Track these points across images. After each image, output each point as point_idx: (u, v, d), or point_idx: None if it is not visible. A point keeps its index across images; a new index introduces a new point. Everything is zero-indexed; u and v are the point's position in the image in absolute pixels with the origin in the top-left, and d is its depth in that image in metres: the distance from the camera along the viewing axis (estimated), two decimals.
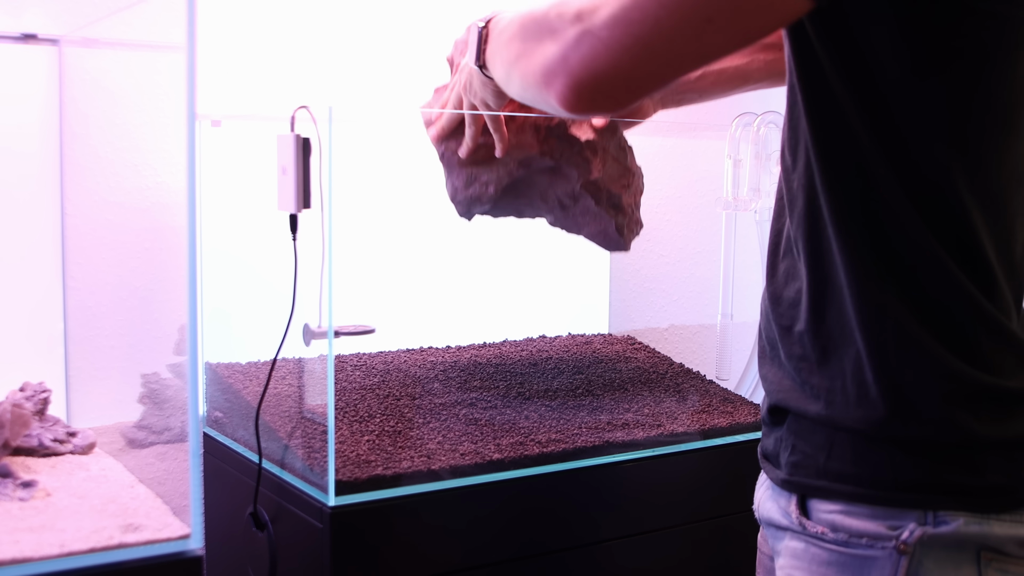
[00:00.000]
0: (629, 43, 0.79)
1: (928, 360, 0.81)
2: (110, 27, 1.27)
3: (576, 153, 1.29)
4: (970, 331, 0.81)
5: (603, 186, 1.31)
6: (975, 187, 0.80)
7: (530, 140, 1.27)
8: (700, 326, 1.79)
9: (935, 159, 0.79)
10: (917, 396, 0.81)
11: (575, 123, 1.29)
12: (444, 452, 1.17)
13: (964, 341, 0.81)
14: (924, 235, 0.80)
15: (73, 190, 1.36)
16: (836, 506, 0.85)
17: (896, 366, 0.81)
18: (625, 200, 1.34)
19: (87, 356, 1.36)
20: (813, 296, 0.86)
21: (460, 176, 1.30)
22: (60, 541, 0.93)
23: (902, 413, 0.81)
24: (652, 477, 1.28)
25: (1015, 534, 0.81)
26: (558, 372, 1.45)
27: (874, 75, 0.79)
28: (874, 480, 0.83)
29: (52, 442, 1.17)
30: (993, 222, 0.81)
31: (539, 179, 1.33)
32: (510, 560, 1.19)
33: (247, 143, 1.39)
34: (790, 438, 0.89)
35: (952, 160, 0.79)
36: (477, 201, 1.30)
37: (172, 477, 1.15)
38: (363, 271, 1.48)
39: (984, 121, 0.80)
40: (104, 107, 1.36)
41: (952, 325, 0.81)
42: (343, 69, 1.60)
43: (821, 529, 0.85)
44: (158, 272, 1.37)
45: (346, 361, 1.43)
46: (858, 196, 0.81)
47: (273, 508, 1.19)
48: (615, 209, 1.33)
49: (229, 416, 1.35)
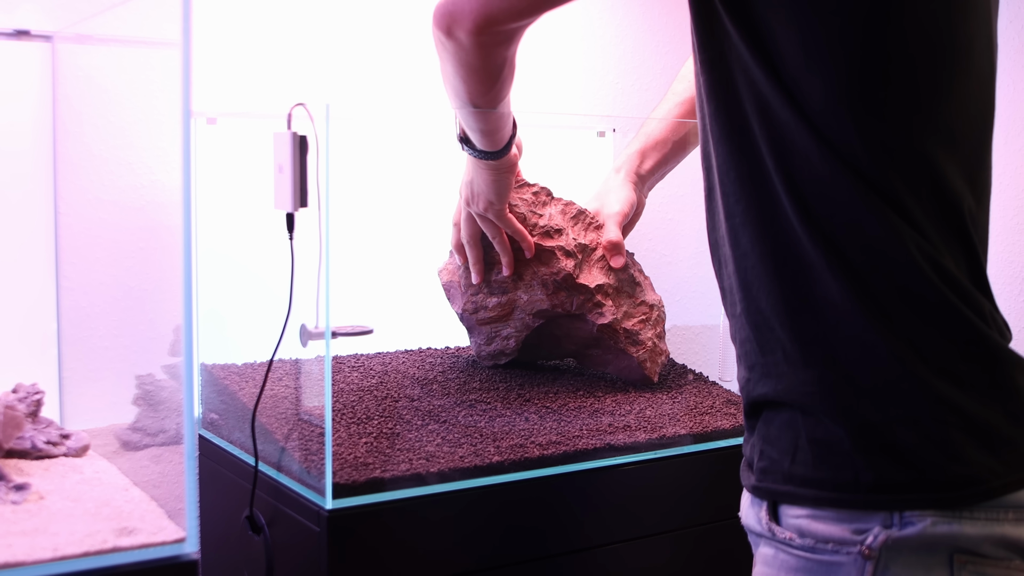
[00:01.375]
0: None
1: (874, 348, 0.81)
2: (104, 23, 1.27)
3: (587, 300, 1.37)
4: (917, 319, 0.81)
5: (619, 327, 1.37)
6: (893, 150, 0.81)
7: (540, 296, 1.36)
8: (703, 327, 1.79)
9: (840, 121, 0.81)
10: (856, 370, 0.82)
11: (582, 272, 1.37)
12: (443, 455, 1.17)
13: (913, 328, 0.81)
14: (854, 210, 0.81)
15: (67, 188, 1.36)
16: (803, 511, 0.84)
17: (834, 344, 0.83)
18: (644, 335, 1.39)
19: (81, 357, 1.36)
20: (740, 277, 0.89)
21: (481, 334, 1.41)
22: (53, 545, 0.93)
23: (845, 384, 0.82)
24: (655, 480, 1.28)
25: (990, 533, 0.79)
26: (559, 374, 1.45)
27: (772, 50, 0.83)
28: (836, 483, 0.83)
29: (45, 444, 1.17)
30: (920, 185, 0.82)
31: (557, 325, 1.41)
32: (511, 564, 1.18)
33: (243, 141, 1.39)
34: (759, 443, 0.89)
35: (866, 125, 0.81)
36: (501, 354, 1.41)
37: (167, 480, 1.15)
38: (361, 271, 1.48)
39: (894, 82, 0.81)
40: (98, 104, 1.36)
41: (902, 313, 0.81)
42: (341, 65, 1.60)
43: (789, 535, 0.85)
44: (153, 272, 1.37)
45: (343, 362, 1.43)
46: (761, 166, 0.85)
47: (269, 511, 1.19)
48: (635, 345, 1.39)
49: (225, 418, 1.35)
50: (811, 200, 0.82)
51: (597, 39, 1.85)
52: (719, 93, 0.88)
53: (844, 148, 0.81)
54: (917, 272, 0.80)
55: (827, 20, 0.80)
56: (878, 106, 0.81)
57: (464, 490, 1.15)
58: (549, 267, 1.36)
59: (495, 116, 1.16)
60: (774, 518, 0.87)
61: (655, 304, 1.43)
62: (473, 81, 1.08)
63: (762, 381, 0.88)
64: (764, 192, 0.84)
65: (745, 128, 0.85)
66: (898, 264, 0.80)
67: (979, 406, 0.80)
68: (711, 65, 0.88)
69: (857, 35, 0.80)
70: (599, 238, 1.39)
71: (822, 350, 0.83)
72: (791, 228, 0.83)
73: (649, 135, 1.41)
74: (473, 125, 1.18)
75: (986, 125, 0.88)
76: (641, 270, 1.44)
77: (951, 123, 0.83)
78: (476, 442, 1.20)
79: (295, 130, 1.15)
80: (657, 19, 1.91)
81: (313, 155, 1.13)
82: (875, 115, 0.81)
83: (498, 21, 1.00)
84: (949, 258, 0.82)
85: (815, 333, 0.83)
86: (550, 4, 0.98)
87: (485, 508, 1.17)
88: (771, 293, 0.86)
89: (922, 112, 0.82)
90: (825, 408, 0.83)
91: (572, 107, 1.83)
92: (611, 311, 1.37)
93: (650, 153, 1.41)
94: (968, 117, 0.85)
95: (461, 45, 1.03)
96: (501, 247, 1.33)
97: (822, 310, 0.83)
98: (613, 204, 1.39)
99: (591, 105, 1.85)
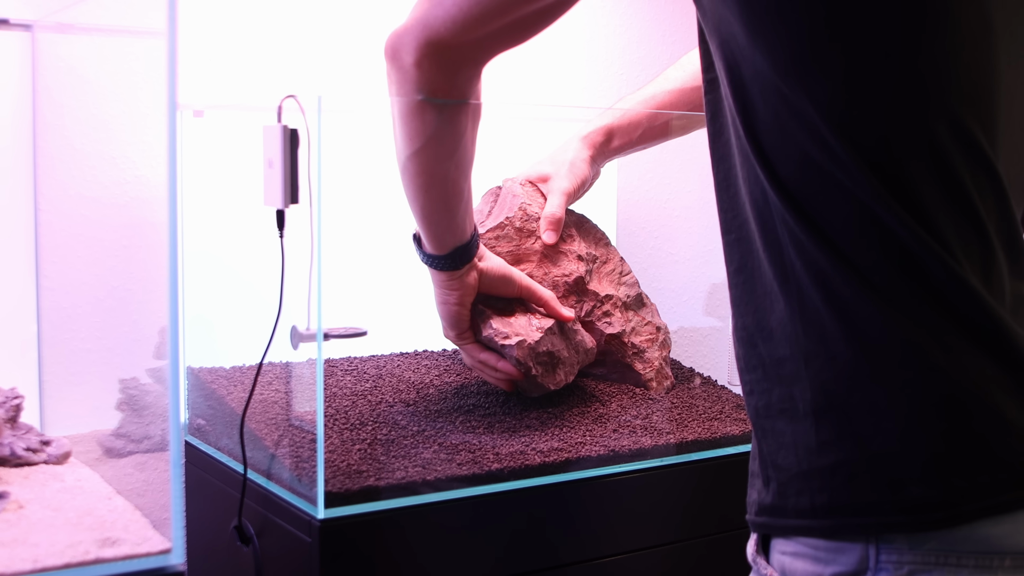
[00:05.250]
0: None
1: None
2: (86, 12, 1.27)
3: (596, 307, 1.39)
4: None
5: (627, 339, 1.40)
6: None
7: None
8: (711, 329, 1.79)
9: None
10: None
11: (592, 280, 1.39)
12: (440, 462, 1.17)
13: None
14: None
15: (47, 184, 1.36)
16: (789, 546, 0.84)
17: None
18: (651, 354, 1.42)
19: (62, 360, 1.36)
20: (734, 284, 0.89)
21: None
22: (33, 556, 0.93)
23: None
24: (661, 488, 1.28)
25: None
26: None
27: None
28: (798, 510, 0.82)
29: (25, 451, 1.17)
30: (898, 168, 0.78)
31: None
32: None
33: (231, 134, 1.39)
34: (751, 475, 0.90)
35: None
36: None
37: (152, 488, 1.15)
38: (354, 270, 1.48)
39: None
40: (80, 96, 1.36)
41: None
42: (334, 55, 1.60)
43: (771, 572, 0.85)
44: (137, 271, 1.37)
45: (336, 365, 1.43)
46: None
47: (259, 521, 1.19)
48: (642, 363, 1.41)
49: (212, 424, 1.35)
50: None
51: (599, 28, 1.86)
52: (716, 114, 0.88)
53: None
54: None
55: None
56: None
57: (462, 499, 1.15)
58: (561, 268, 1.36)
59: (443, 200, 1.13)
60: (764, 552, 0.88)
61: (662, 327, 1.45)
62: (420, 134, 1.07)
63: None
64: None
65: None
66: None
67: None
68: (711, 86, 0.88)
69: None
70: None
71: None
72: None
73: (625, 113, 1.40)
74: (415, 206, 1.15)
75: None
76: (647, 296, 1.46)
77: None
78: (474, 449, 1.20)
79: (285, 123, 1.15)
80: (662, 7, 1.92)
81: (304, 149, 1.13)
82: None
83: (442, 38, 1.00)
84: (966, 264, 0.81)
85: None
86: (496, 14, 0.98)
87: (484, 518, 1.17)
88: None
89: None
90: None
91: (573, 99, 1.83)
92: (620, 322, 1.39)
93: (620, 132, 1.39)
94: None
95: (405, 73, 1.03)
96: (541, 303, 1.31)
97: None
98: (565, 178, 1.37)
99: (593, 97, 1.85)
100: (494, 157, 1.29)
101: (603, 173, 1.47)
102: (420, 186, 1.12)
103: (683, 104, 1.38)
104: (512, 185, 1.40)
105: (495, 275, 1.25)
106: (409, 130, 1.08)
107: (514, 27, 1.02)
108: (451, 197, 1.14)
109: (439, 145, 1.09)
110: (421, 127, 1.07)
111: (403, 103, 1.06)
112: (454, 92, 1.06)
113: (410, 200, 1.15)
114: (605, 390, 1.39)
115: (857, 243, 0.77)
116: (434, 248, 1.18)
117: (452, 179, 1.12)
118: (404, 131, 1.09)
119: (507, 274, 1.26)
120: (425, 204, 1.14)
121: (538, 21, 1.03)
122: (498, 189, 1.44)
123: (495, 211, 1.40)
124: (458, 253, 1.18)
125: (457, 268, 1.20)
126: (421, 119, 1.07)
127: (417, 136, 1.08)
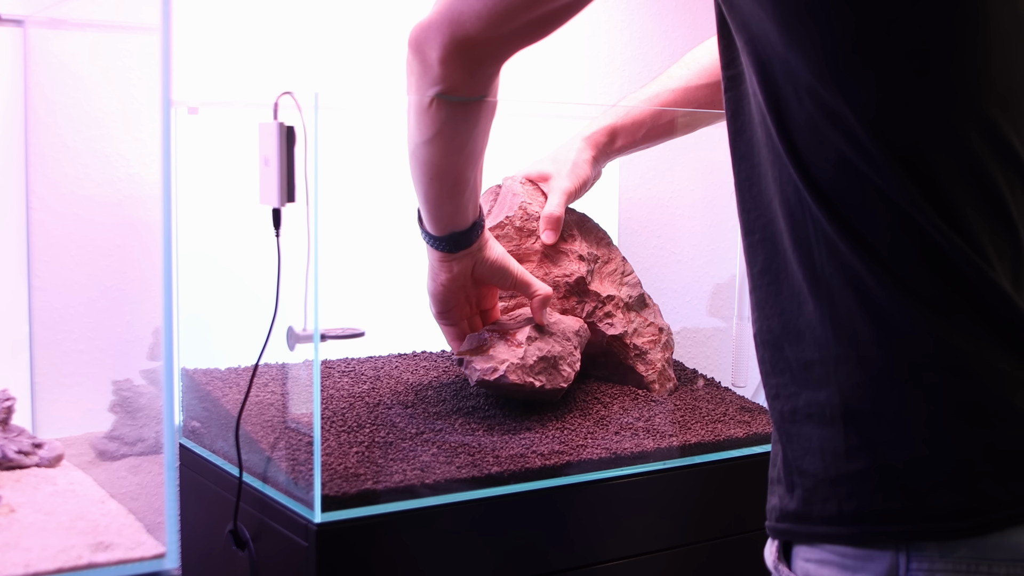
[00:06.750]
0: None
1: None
2: (79, 7, 1.27)
3: (598, 308, 1.39)
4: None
5: (628, 341, 1.40)
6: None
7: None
8: (714, 329, 1.79)
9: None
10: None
11: (594, 280, 1.39)
12: (439, 465, 1.17)
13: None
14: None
15: (39, 183, 1.36)
16: (814, 553, 0.84)
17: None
18: (653, 355, 1.42)
19: (54, 361, 1.36)
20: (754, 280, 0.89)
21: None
22: (25, 561, 0.92)
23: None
24: (663, 491, 1.28)
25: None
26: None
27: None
28: (824, 517, 0.82)
29: (16, 454, 1.17)
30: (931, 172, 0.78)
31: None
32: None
33: (226, 132, 1.39)
34: (771, 482, 0.90)
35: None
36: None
37: (146, 492, 1.15)
38: (352, 270, 1.48)
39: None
40: (72, 93, 1.36)
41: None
42: (331, 52, 1.60)
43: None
44: (131, 271, 1.37)
45: (333, 367, 1.43)
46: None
47: (255, 525, 1.19)
48: (645, 364, 1.41)
49: (207, 426, 1.35)
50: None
51: (602, 23, 1.85)
52: (738, 111, 0.88)
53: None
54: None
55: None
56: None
57: (461, 503, 1.15)
58: (561, 268, 1.37)
59: (447, 189, 1.15)
60: (785, 559, 0.87)
61: (665, 328, 1.45)
62: (433, 127, 1.09)
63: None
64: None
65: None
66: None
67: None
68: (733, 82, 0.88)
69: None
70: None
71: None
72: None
73: (629, 112, 1.40)
74: (419, 189, 1.17)
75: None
76: (650, 296, 1.46)
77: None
78: (474, 452, 1.20)
79: (282, 120, 1.15)
80: (665, 3, 1.92)
81: (301, 147, 1.13)
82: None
83: (468, 34, 1.01)
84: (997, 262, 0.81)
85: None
86: (523, 9, 0.99)
87: (483, 522, 1.17)
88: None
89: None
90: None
91: (574, 96, 1.83)
92: (622, 323, 1.39)
93: (624, 132, 1.40)
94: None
95: (429, 67, 1.04)
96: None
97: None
98: (567, 178, 1.38)
99: (595, 94, 1.85)
100: (493, 155, 1.29)
101: (605, 171, 1.47)
102: (426, 174, 1.14)
103: (688, 103, 1.38)
104: (512, 184, 1.40)
105: (491, 267, 1.25)
106: (423, 121, 1.10)
107: (537, 23, 1.04)
108: (456, 187, 1.16)
109: (450, 139, 1.11)
110: (435, 120, 1.10)
111: (420, 97, 1.08)
112: (475, 88, 1.08)
113: (415, 183, 1.17)
114: (607, 392, 1.39)
115: (892, 246, 0.78)
116: (433, 229, 1.20)
117: (459, 170, 1.14)
118: (417, 122, 1.11)
119: (504, 267, 1.27)
120: (428, 190, 1.16)
121: (559, 16, 1.05)
122: (498, 187, 1.44)
123: (495, 210, 1.40)
124: (455, 239, 1.20)
125: (452, 252, 1.21)
126: (437, 113, 1.09)
127: (429, 128, 1.10)
